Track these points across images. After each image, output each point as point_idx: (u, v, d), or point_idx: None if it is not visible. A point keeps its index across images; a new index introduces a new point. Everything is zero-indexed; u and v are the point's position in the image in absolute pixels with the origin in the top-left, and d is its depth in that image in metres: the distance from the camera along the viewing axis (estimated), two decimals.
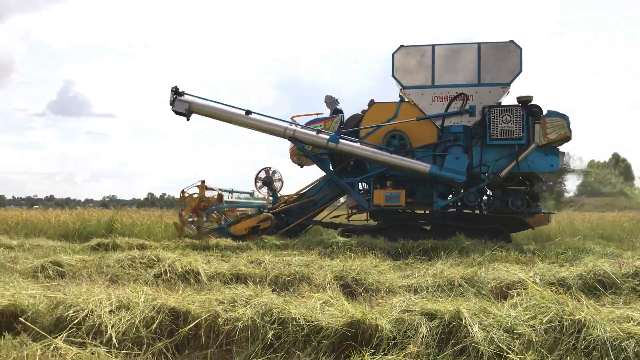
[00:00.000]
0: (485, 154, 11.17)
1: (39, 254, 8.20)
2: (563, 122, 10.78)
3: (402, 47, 11.56)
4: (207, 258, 7.26)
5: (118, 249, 8.70)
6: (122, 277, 6.23)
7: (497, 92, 11.17)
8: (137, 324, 3.64)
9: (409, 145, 11.35)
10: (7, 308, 4.00)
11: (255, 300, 3.97)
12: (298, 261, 6.77)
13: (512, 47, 11.15)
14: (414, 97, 11.48)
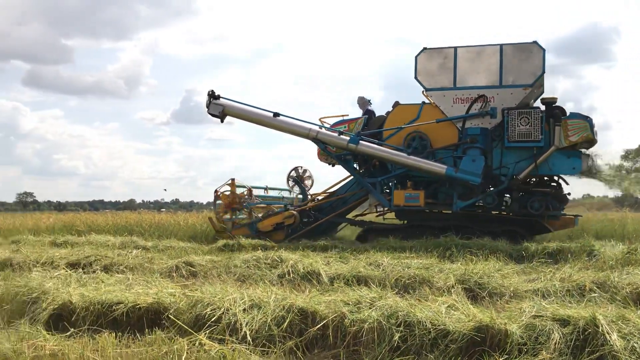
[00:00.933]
0: (505, 156, 11.02)
1: (172, 255, 8.79)
2: (586, 124, 10.51)
3: (425, 50, 11.60)
4: (327, 259, 7.43)
5: (243, 250, 9.11)
6: (248, 277, 6.54)
7: (519, 94, 10.94)
8: (269, 323, 3.82)
9: (429, 146, 11.33)
10: (151, 305, 4.35)
11: (379, 303, 4.04)
12: (417, 264, 6.76)
13: (535, 48, 10.91)
14: (435, 99, 11.47)
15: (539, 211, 10.77)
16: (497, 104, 11.04)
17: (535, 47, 10.92)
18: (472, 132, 11.07)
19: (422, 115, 11.58)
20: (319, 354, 3.69)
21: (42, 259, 7.87)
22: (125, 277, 5.47)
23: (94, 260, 7.70)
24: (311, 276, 6.33)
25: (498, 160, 11.05)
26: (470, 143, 10.98)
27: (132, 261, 7.68)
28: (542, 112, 10.73)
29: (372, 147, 11.52)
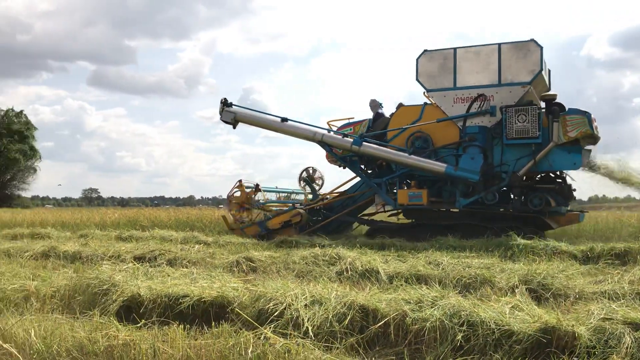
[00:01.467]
0: (505, 153, 11.18)
1: (232, 250, 8.98)
2: (584, 119, 10.60)
3: (425, 52, 11.94)
4: (385, 257, 7.42)
5: (301, 247, 9.20)
6: (307, 273, 6.61)
7: (518, 91, 11.13)
8: (331, 319, 3.86)
9: (431, 145, 11.65)
10: (216, 299, 4.46)
11: (441, 302, 4.01)
12: (478, 263, 6.67)
13: (533, 46, 11.12)
14: (436, 99, 11.78)
15: (538, 207, 10.88)
16: (497, 103, 11.24)
17: (533, 45, 11.12)
18: (471, 130, 11.32)
19: (424, 116, 11.91)
20: (380, 352, 3.70)
21: (109, 252, 8.19)
22: (189, 271, 5.62)
23: (159, 254, 7.96)
24: (370, 274, 6.35)
25: (499, 158, 11.24)
26: (469, 141, 11.22)
27: (194, 256, 7.89)
28: (539, 109, 10.91)
29: (374, 148, 11.91)
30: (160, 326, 3.81)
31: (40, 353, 3.32)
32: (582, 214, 11.63)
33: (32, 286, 5.16)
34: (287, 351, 2.97)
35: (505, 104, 11.09)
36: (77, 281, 5.16)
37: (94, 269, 5.63)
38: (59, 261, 7.90)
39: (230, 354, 2.97)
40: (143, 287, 4.66)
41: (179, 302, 4.44)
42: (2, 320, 3.81)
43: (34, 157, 57.17)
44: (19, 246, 9.21)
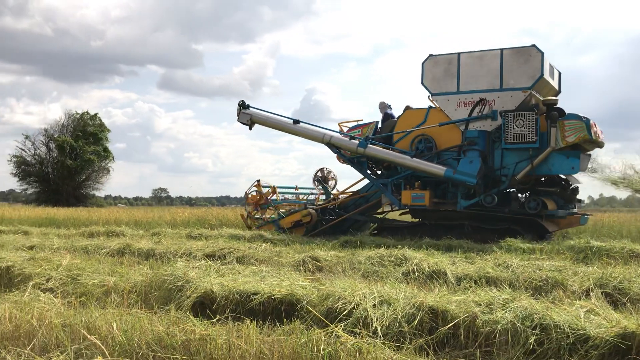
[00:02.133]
0: (505, 157, 11.44)
1: (298, 249, 9.09)
2: (582, 124, 10.75)
3: (430, 57, 12.28)
4: (452, 259, 7.34)
5: (366, 247, 9.21)
6: (373, 273, 6.61)
7: (518, 96, 11.34)
8: (400, 320, 3.87)
9: (434, 148, 12.01)
10: (285, 297, 4.56)
11: (513, 304, 3.95)
12: (549, 266, 6.49)
13: (534, 52, 11.29)
14: (440, 103, 12.15)
15: (534, 210, 11.09)
16: (498, 107, 11.48)
17: (534, 51, 11.30)
18: (471, 134, 11.61)
19: (428, 119, 12.29)
20: (450, 353, 3.68)
21: (180, 250, 8.47)
22: (259, 269, 5.74)
23: (228, 252, 8.16)
24: (437, 275, 6.29)
25: (499, 162, 11.52)
26: (468, 145, 11.54)
27: (261, 254, 8.05)
28: (537, 114, 11.07)
29: (378, 150, 12.46)
30: (234, 322, 3.93)
31: (122, 345, 3.49)
32: (584, 217, 11.85)
33: (111, 282, 5.43)
34: (358, 350, 3.01)
35: (506, 109, 11.33)
36: (153, 277, 5.38)
37: (169, 265, 5.85)
38: (134, 258, 8.23)
39: (302, 351, 3.03)
40: (215, 284, 4.81)
41: (250, 299, 4.56)
42: (86, 313, 4.03)
43: (107, 158, 59.61)
44: (96, 243, 9.65)
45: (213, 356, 3.20)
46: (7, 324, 3.94)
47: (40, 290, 5.32)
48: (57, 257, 6.76)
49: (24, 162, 57.33)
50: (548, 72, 11.65)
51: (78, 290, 5.29)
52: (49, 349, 3.49)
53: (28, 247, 9.22)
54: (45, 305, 4.42)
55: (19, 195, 73.56)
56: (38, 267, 6.13)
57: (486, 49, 11.86)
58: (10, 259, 6.46)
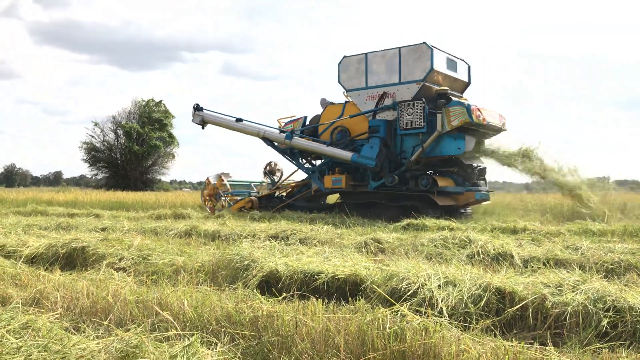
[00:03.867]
0: (404, 142, 13.22)
1: (359, 232, 9.11)
2: (463, 109, 12.20)
3: (344, 57, 14.17)
4: (519, 241, 7.17)
5: (428, 230, 9.14)
6: (436, 255, 6.56)
7: (413, 88, 12.99)
8: (466, 300, 3.82)
9: (349, 137, 13.85)
10: (349, 277, 4.59)
11: (584, 286, 3.83)
12: (621, 248, 6.24)
13: (425, 48, 12.94)
14: (353, 97, 14.07)
15: (426, 187, 12.66)
16: (399, 98, 13.14)
17: (425, 47, 12.94)
18: (373, 124, 13.42)
19: (345, 112, 14.13)
20: (518, 335, 3.61)
21: (245, 232, 8.65)
22: (322, 250, 5.80)
23: (290, 234, 8.27)
24: (503, 257, 6.18)
25: (399, 147, 13.30)
26: (371, 133, 13.35)
27: (323, 236, 8.11)
28: (424, 103, 12.68)
29: (301, 141, 14.48)
30: (299, 300, 4.00)
31: (192, 321, 3.61)
32: (478, 193, 13.13)
33: (180, 261, 5.60)
34: (424, 329, 3.00)
35: (404, 99, 13.00)
36: (220, 257, 5.52)
37: (235, 246, 5.99)
38: (200, 239, 8.47)
39: (368, 329, 3.05)
40: (280, 264, 4.89)
41: (314, 278, 4.61)
42: (158, 290, 4.18)
43: (172, 144, 61.31)
44: (164, 225, 9.98)
45: (280, 332, 3.27)
46: (85, 300, 4.15)
47: (113, 269, 5.56)
48: (128, 238, 7.02)
49: (94, 149, 59.76)
50: (445, 65, 13.43)
51: (149, 269, 5.49)
52: (124, 323, 3.66)
53: (100, 229, 9.64)
54: (119, 283, 4.62)
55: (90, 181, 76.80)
56: (111, 248, 6.39)
57: (387, 48, 13.57)
58: (85, 240, 6.76)
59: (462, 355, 2.88)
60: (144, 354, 2.59)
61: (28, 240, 7.14)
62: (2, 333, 2.77)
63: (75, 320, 3.76)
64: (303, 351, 3.08)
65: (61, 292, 4.31)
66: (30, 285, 4.75)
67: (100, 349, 2.63)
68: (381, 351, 2.95)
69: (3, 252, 6.78)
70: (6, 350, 2.57)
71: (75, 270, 5.75)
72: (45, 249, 6.66)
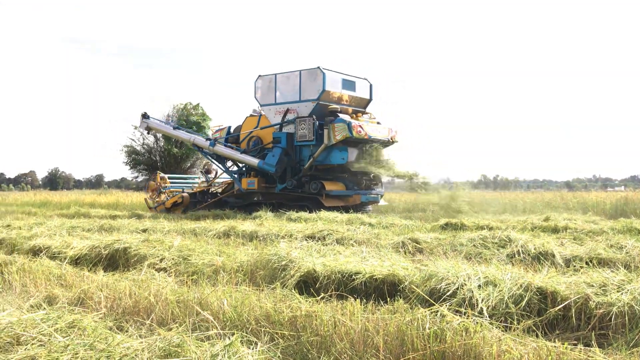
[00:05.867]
0: (302, 152, 15.39)
1: (396, 231, 9.07)
2: (345, 126, 14.31)
3: (259, 77, 16.35)
4: (560, 240, 7.03)
5: (467, 229, 9.03)
6: (475, 255, 6.47)
7: (310, 106, 15.10)
8: (506, 300, 3.77)
9: (261, 145, 15.99)
10: (387, 277, 4.57)
11: (630, 286, 3.73)
12: None
13: (319, 72, 15.06)
14: (265, 112, 16.27)
15: (315, 190, 14.76)
16: (301, 114, 15.21)
17: (319, 71, 15.03)
18: (276, 135, 15.66)
19: (260, 124, 16.36)
20: (560, 335, 3.54)
21: (282, 232, 8.70)
22: (359, 250, 5.79)
23: (327, 234, 8.28)
24: (544, 257, 6.06)
25: (298, 156, 15.47)
26: (274, 143, 15.57)
27: (360, 236, 8.09)
28: (314, 119, 14.82)
29: (221, 148, 16.89)
30: (337, 300, 4.00)
31: (232, 320, 3.65)
32: (365, 196, 15.49)
33: (220, 261, 5.68)
34: (464, 329, 2.97)
35: (302, 115, 15.09)
36: (258, 257, 5.57)
37: (272, 246, 6.03)
38: (238, 239, 8.55)
39: (407, 329, 3.03)
40: (317, 264, 4.90)
41: (351, 278, 4.61)
42: (198, 290, 4.25)
43: None
44: (203, 226, 10.11)
45: (319, 332, 3.28)
46: (127, 300, 4.24)
47: (154, 269, 5.66)
48: (169, 239, 7.14)
49: (134, 152, 60.89)
50: (341, 85, 15.51)
51: (189, 270, 5.58)
52: (166, 323, 3.72)
53: (141, 230, 9.82)
54: (160, 283, 4.71)
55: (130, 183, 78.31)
56: (152, 249, 6.51)
57: (292, 70, 15.71)
58: (127, 241, 6.90)
59: (504, 356, 2.84)
60: (185, 352, 2.64)
61: (72, 241, 7.33)
62: (50, 332, 2.86)
63: (118, 320, 3.85)
64: (342, 351, 3.08)
65: (104, 292, 4.41)
66: (74, 285, 4.88)
67: (143, 347, 2.69)
68: (421, 352, 2.93)
69: (49, 254, 6.99)
70: (54, 348, 2.65)
71: (118, 271, 5.88)
72: (89, 250, 6.83)
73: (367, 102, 16.33)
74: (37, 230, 9.16)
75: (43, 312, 3.16)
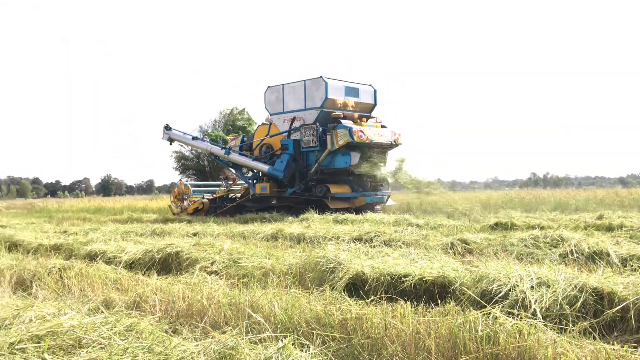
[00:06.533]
0: (308, 157, 16.20)
1: (445, 232, 8.98)
2: (346, 131, 14.91)
3: (268, 88, 17.26)
4: (615, 239, 6.82)
5: (517, 229, 8.86)
6: (527, 255, 6.35)
7: (314, 113, 15.87)
8: (560, 301, 3.69)
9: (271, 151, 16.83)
10: (437, 279, 4.54)
11: None
12: None
13: (321, 81, 15.82)
14: (274, 120, 17.12)
15: (321, 194, 15.51)
16: (307, 122, 15.98)
17: (321, 80, 15.80)
18: (283, 142, 16.55)
19: (270, 132, 17.20)
20: (619, 338, 3.45)
21: (328, 234, 8.73)
22: (408, 252, 5.76)
23: (374, 236, 8.26)
24: (598, 256, 5.89)
25: (305, 161, 16.26)
26: (282, 150, 16.44)
27: (408, 237, 8.04)
28: (318, 126, 15.60)
29: (235, 155, 17.80)
30: (387, 302, 4.00)
31: (283, 323, 3.69)
32: (369, 197, 16.06)
33: (269, 264, 5.74)
34: (518, 331, 2.93)
35: (307, 123, 15.89)
36: (307, 260, 5.61)
37: (320, 248, 6.06)
38: (286, 242, 8.62)
39: (459, 332, 3.01)
40: (366, 266, 4.91)
41: (400, 280, 4.60)
42: (249, 293, 4.31)
43: None
44: (252, 229, 10.24)
45: (370, 335, 3.28)
46: (181, 303, 4.34)
47: (205, 272, 5.77)
48: (219, 242, 7.27)
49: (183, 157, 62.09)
50: (344, 93, 16.17)
51: (239, 272, 5.66)
52: (219, 325, 3.80)
53: (192, 234, 10.03)
54: (212, 286, 4.80)
55: None
56: (203, 252, 6.64)
57: (297, 81, 16.46)
58: (179, 245, 7.05)
59: (560, 358, 2.79)
60: (240, 355, 2.69)
61: (126, 246, 7.55)
62: (110, 335, 2.96)
63: (173, 323, 3.94)
64: (393, 354, 3.08)
65: (159, 295, 4.53)
66: (130, 289, 5.02)
67: (199, 350, 2.75)
68: (474, 354, 2.91)
69: (104, 258, 7.21)
70: (114, 351, 2.74)
71: (171, 274, 6.02)
72: (142, 254, 7.02)
73: (372, 107, 17.06)
74: (92, 235, 9.47)
75: (102, 316, 3.27)
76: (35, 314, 3.38)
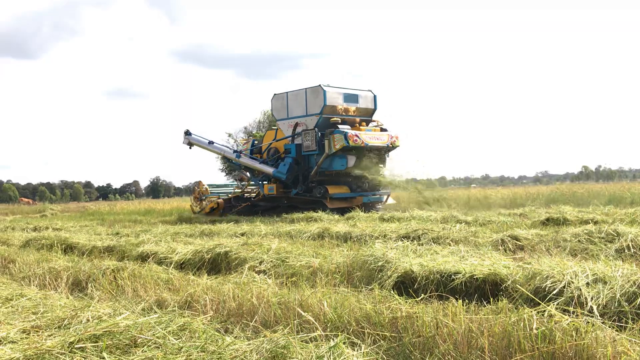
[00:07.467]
0: (310, 161, 17.24)
1: (495, 229, 8.81)
2: (342, 136, 15.96)
3: (275, 95, 18.38)
4: None
5: (570, 224, 8.63)
6: (581, 251, 6.19)
7: (314, 119, 16.97)
8: (618, 298, 3.57)
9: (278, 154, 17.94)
10: (488, 276, 4.45)
11: None
12: None
13: (320, 89, 16.93)
14: (280, 125, 18.34)
15: (320, 194, 16.60)
16: (308, 127, 17.02)
17: (320, 88, 16.94)
18: (287, 146, 17.73)
19: (277, 136, 18.39)
20: None
21: (375, 232, 8.69)
22: (457, 249, 5.67)
23: (422, 233, 8.18)
24: None
25: (306, 164, 17.24)
26: (285, 153, 17.66)
27: (456, 235, 7.93)
28: (316, 131, 16.64)
29: (244, 158, 18.89)
30: (438, 301, 3.95)
31: (333, 321, 3.70)
32: (366, 197, 17.17)
33: (316, 263, 5.76)
34: (575, 329, 2.84)
35: (308, 128, 16.95)
36: (354, 258, 5.60)
37: (367, 247, 6.04)
38: (332, 241, 8.62)
39: (513, 330, 2.95)
40: (415, 264, 4.86)
41: (451, 278, 4.53)
42: (298, 292, 4.33)
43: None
44: (298, 228, 10.29)
45: (421, 333, 3.25)
46: (231, 302, 4.39)
47: (254, 272, 5.83)
48: (266, 242, 7.33)
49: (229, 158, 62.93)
50: (343, 99, 17.26)
51: (288, 272, 5.70)
52: (269, 324, 3.83)
53: (240, 234, 10.15)
54: (261, 286, 4.84)
55: None
56: (251, 252, 6.71)
57: (299, 89, 17.56)
58: (227, 245, 7.14)
59: (620, 357, 2.70)
60: (292, 354, 2.70)
61: (177, 247, 7.70)
62: (164, 334, 3.02)
63: (224, 322, 4.00)
64: (446, 352, 3.04)
65: (209, 295, 4.60)
66: (181, 289, 5.12)
67: (251, 349, 2.78)
68: (529, 353, 2.84)
69: (156, 259, 7.37)
70: (169, 350, 2.80)
71: (220, 274, 6.10)
72: (192, 254, 7.14)
73: (372, 111, 18.10)
74: (144, 237, 9.69)
75: (156, 316, 3.34)
76: (92, 314, 3.48)
